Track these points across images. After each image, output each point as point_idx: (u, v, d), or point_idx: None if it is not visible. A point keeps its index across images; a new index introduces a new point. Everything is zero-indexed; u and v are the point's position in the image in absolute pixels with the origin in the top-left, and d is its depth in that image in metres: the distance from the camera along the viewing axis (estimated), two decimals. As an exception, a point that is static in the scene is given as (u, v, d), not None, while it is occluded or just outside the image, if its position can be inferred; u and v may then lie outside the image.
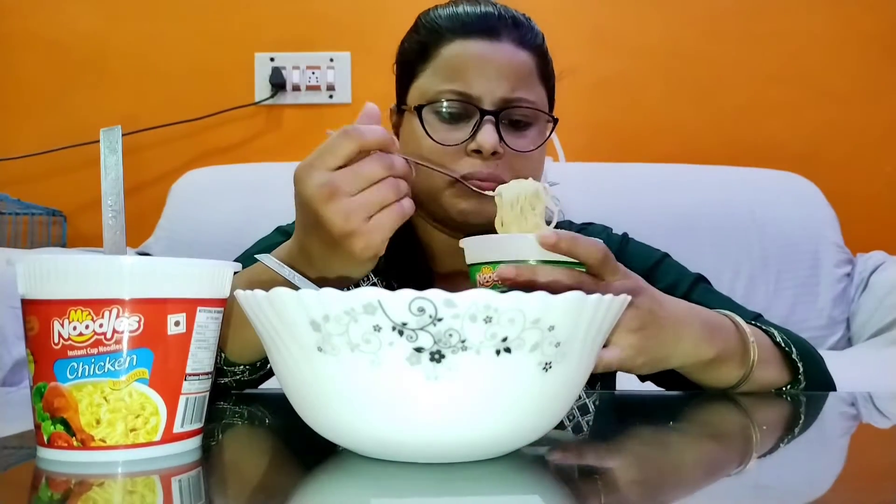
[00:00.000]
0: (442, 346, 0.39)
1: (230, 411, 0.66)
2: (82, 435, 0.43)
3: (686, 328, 0.67)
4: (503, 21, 0.83)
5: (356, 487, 0.42)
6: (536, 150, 0.83)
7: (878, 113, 2.05)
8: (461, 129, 0.80)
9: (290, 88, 2.06)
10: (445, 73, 0.81)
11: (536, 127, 0.84)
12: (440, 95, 0.81)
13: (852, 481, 0.46)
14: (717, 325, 0.71)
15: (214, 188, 1.86)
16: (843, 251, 1.82)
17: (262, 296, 0.42)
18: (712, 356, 0.68)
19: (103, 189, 0.50)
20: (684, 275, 0.89)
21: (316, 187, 0.58)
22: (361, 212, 0.58)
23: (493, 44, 0.82)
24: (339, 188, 0.58)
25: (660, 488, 0.43)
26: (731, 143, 2.03)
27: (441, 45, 0.83)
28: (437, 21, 0.85)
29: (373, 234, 0.58)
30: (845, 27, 2.06)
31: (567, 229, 0.97)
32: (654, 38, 2.07)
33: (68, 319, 0.43)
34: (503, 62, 0.81)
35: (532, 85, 0.83)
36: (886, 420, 0.70)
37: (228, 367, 0.71)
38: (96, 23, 2.08)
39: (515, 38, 0.83)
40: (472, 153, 0.79)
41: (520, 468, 0.45)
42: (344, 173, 0.58)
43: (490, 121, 0.79)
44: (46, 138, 1.99)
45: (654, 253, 0.93)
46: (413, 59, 0.85)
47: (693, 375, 0.71)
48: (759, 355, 0.71)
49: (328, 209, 0.58)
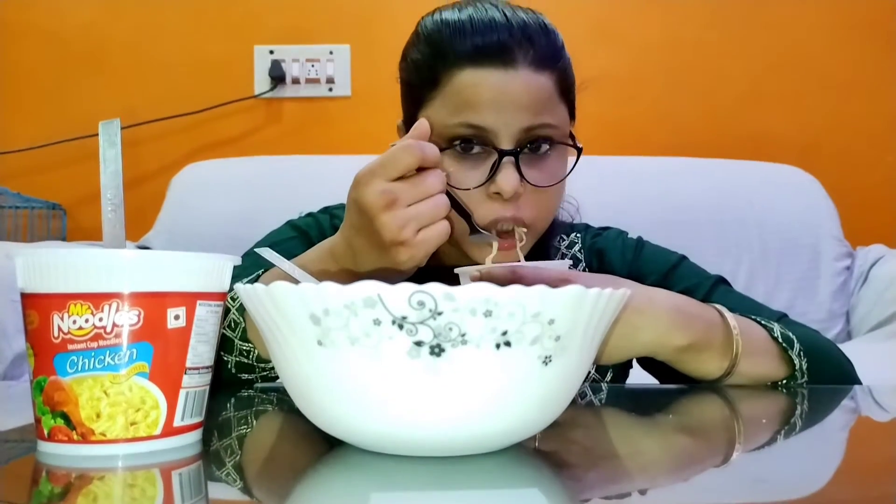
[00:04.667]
0: (442, 340, 0.39)
1: (230, 405, 0.66)
2: (82, 429, 0.43)
3: (645, 319, 0.67)
4: (516, 39, 0.76)
5: (357, 481, 0.42)
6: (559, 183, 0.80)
7: (878, 105, 2.05)
8: (479, 167, 0.77)
9: (290, 81, 2.06)
10: (458, 106, 0.76)
11: (556, 153, 0.80)
12: (454, 130, 0.76)
13: (851, 474, 0.46)
14: (694, 314, 0.70)
15: (214, 182, 1.86)
16: (842, 244, 1.82)
17: (261, 289, 0.42)
18: (685, 344, 0.68)
19: (102, 182, 0.50)
20: (703, 277, 0.89)
21: (377, 194, 0.62)
22: (414, 224, 0.62)
23: (509, 73, 0.75)
24: (399, 198, 0.62)
25: (657, 480, 0.43)
26: (731, 136, 2.03)
27: (451, 72, 0.77)
28: (441, 37, 0.78)
29: (419, 247, 0.63)
30: (845, 18, 2.05)
31: (582, 234, 0.97)
32: (653, 32, 2.07)
33: (68, 313, 0.43)
34: (521, 92, 0.75)
35: (552, 108, 0.78)
36: (886, 413, 0.70)
37: (259, 364, 0.73)
38: (95, 15, 2.07)
39: (532, 61, 0.76)
40: (492, 195, 0.77)
41: (520, 462, 0.45)
42: (404, 185, 0.62)
43: (510, 161, 0.75)
44: (45, 132, 1.99)
45: (670, 256, 0.92)
46: (419, 84, 0.80)
47: (673, 364, 0.71)
48: (746, 347, 0.71)
49: (386, 216, 0.62)
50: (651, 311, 0.68)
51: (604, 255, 0.95)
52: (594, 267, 0.95)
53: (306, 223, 0.95)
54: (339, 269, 0.69)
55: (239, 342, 0.72)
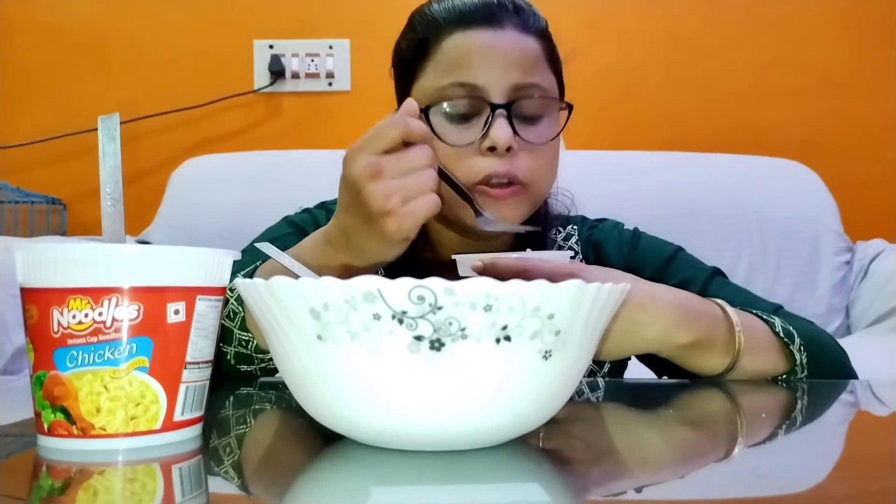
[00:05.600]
0: (442, 335, 0.39)
1: (230, 400, 0.66)
2: (82, 423, 0.43)
3: (648, 315, 0.67)
4: (504, 8, 0.81)
5: (356, 476, 0.42)
6: (552, 140, 0.82)
7: (878, 101, 2.05)
8: (471, 127, 0.79)
9: (290, 76, 2.06)
10: (448, 67, 0.79)
11: (549, 116, 0.82)
12: (445, 91, 0.79)
13: (850, 469, 0.46)
14: (699, 310, 0.70)
15: (214, 176, 1.86)
16: (842, 239, 1.82)
17: (261, 284, 0.42)
18: (689, 341, 0.68)
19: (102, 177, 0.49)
20: (700, 269, 0.89)
21: (362, 167, 0.62)
22: (400, 194, 0.62)
23: (496, 32, 0.79)
24: (384, 169, 0.62)
25: (658, 475, 0.43)
26: (731, 131, 2.03)
27: (440, 39, 0.81)
28: (433, 15, 0.83)
29: (406, 217, 0.62)
30: (847, 13, 2.05)
31: (579, 226, 0.97)
32: (654, 26, 2.06)
33: (67, 308, 0.43)
34: (509, 49, 0.79)
35: (542, 70, 0.81)
36: (885, 407, 0.70)
37: (258, 354, 0.73)
38: (95, 9, 2.07)
39: (518, 24, 0.80)
40: (486, 151, 0.78)
41: (520, 456, 0.45)
42: (389, 157, 0.63)
43: (502, 114, 0.77)
44: (45, 126, 1.99)
45: (667, 247, 0.92)
46: (412, 59, 0.83)
47: (675, 361, 0.71)
48: (748, 343, 0.71)
49: (371, 187, 0.62)
50: (654, 307, 0.67)
51: (600, 247, 0.95)
52: (591, 259, 0.95)
53: (302, 219, 0.95)
54: (334, 254, 0.69)
55: (238, 332, 0.73)
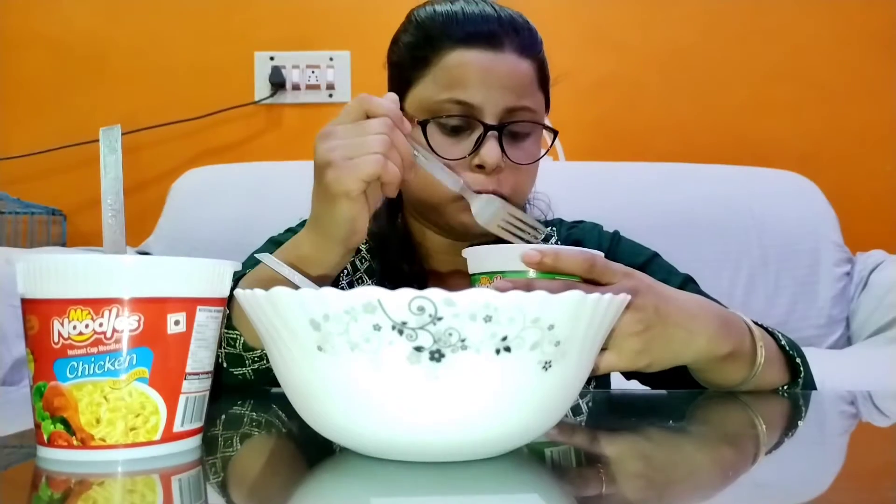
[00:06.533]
0: (442, 346, 0.39)
1: (230, 410, 0.66)
2: (82, 434, 0.43)
3: (699, 324, 0.66)
4: (504, 28, 0.82)
5: (356, 486, 0.42)
6: (536, 161, 0.84)
7: (877, 112, 2.05)
8: (462, 141, 0.81)
9: (290, 87, 2.06)
10: (447, 83, 0.81)
11: (535, 135, 0.85)
12: (442, 105, 0.81)
13: (851, 480, 0.46)
14: (732, 321, 0.70)
15: (214, 187, 1.86)
16: (842, 250, 1.82)
17: (261, 295, 0.42)
18: (727, 352, 0.68)
19: (103, 188, 0.50)
20: (673, 274, 0.89)
21: (319, 135, 0.66)
22: (343, 150, 0.64)
23: (497, 55, 0.81)
24: (335, 132, 0.65)
25: (658, 486, 0.43)
26: (731, 142, 2.03)
27: (440, 53, 0.82)
28: (434, 23, 0.84)
29: (345, 169, 0.64)
30: (845, 25, 2.06)
31: (557, 227, 0.98)
32: (652, 37, 2.07)
33: (68, 319, 0.43)
34: (505, 73, 0.81)
35: (532, 91, 0.83)
36: (886, 419, 0.70)
37: (247, 353, 0.72)
38: (96, 21, 2.08)
39: (517, 48, 0.82)
40: (475, 168, 0.80)
41: (519, 467, 0.45)
42: (345, 126, 0.66)
43: (493, 135, 0.80)
44: (46, 137, 1.99)
45: (643, 251, 0.93)
46: (409, 66, 0.84)
47: (703, 373, 0.71)
48: (766, 355, 0.71)
49: (319, 146, 0.65)
50: (705, 316, 0.67)
51: (581, 245, 0.95)
52: None
53: (286, 238, 0.96)
54: (304, 236, 0.70)
55: (224, 331, 0.72)
